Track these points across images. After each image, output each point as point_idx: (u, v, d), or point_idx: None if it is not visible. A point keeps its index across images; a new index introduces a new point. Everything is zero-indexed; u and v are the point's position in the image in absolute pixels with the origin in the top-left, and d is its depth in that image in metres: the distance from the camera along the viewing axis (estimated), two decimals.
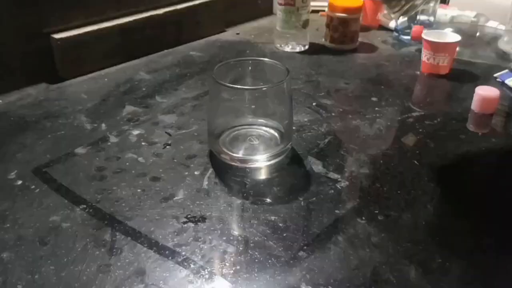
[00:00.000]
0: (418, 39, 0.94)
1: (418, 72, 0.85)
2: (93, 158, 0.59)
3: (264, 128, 0.61)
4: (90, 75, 0.83)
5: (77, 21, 0.83)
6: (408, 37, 1.00)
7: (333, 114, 0.70)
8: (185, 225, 0.48)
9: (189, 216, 0.49)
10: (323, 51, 0.95)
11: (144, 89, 0.78)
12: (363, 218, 0.49)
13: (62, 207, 0.51)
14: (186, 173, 0.56)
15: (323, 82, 0.81)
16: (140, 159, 0.59)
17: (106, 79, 0.82)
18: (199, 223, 0.48)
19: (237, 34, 1.06)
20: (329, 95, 0.76)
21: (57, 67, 0.81)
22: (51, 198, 0.52)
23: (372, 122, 0.68)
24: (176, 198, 0.52)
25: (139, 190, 0.53)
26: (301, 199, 0.52)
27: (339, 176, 0.56)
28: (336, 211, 0.50)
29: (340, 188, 0.54)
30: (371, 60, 0.91)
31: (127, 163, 0.58)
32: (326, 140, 0.63)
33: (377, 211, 0.50)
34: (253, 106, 0.60)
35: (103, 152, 0.61)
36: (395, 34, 1.03)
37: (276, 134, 0.60)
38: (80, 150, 0.61)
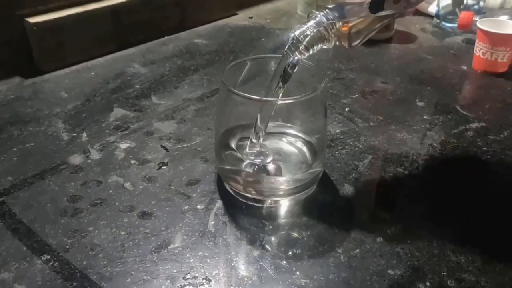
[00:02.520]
0: (466, 28, 0.79)
1: (467, 68, 0.71)
2: (67, 182, 0.46)
3: (288, 146, 0.47)
4: (73, 68, 0.69)
5: (57, 1, 0.68)
6: (452, 25, 0.84)
7: (371, 123, 0.56)
8: None
9: (188, 277, 0.36)
10: None
11: (137, 86, 0.64)
12: (427, 283, 0.36)
13: (18, 257, 0.38)
14: (186, 207, 0.43)
15: (355, 81, 0.67)
16: (127, 184, 0.46)
17: (92, 73, 0.68)
18: None
19: (250, 18, 0.91)
20: (364, 97, 0.62)
21: (34, 57, 0.67)
22: (5, 243, 0.39)
23: (422, 135, 0.54)
24: (171, 246, 0.39)
25: (123, 233, 0.40)
26: (340, 251, 0.39)
27: (388, 216, 0.42)
28: (389, 272, 0.37)
29: (391, 234, 0.40)
30: (411, 52, 0.76)
31: (110, 191, 0.45)
32: (366, 161, 0.49)
33: (444, 272, 0.37)
34: (273, 113, 0.46)
35: (80, 173, 0.47)
36: (436, 20, 0.87)
37: (306, 150, 0.46)
38: (51, 171, 0.47)
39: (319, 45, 0.41)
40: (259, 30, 0.85)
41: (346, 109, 0.59)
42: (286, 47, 0.40)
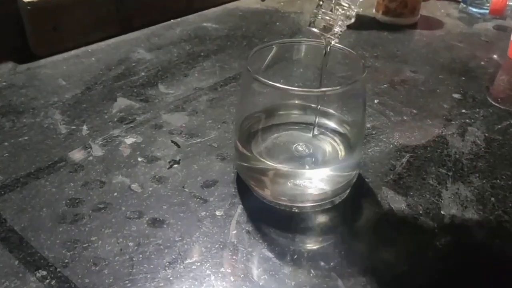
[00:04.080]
0: (499, 13, 0.73)
1: (502, 57, 0.65)
2: (65, 182, 0.40)
3: (321, 143, 0.41)
4: (72, 53, 0.63)
5: None
6: (480, 10, 0.78)
7: (405, 117, 0.51)
8: None
9: None
10: (374, 26, 0.74)
11: (143, 73, 0.58)
12: None
13: (9, 273, 0.32)
14: (203, 213, 0.37)
15: (382, 69, 0.61)
16: (134, 186, 0.40)
17: (93, 58, 0.62)
18: None
19: (262, 0, 0.85)
20: (393, 88, 0.56)
21: (28, 40, 0.61)
22: None
23: (462, 131, 0.48)
24: (188, 260, 0.33)
25: (131, 244, 0.34)
26: (384, 267, 0.33)
27: (435, 225, 0.37)
28: None
29: (441, 247, 0.35)
30: (438, 39, 0.70)
31: (115, 193, 0.39)
32: (404, 160, 0.44)
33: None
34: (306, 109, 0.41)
35: (81, 172, 0.41)
36: (463, 5, 0.81)
37: (341, 149, 0.40)
38: (47, 169, 0.42)
39: (345, 23, 0.36)
40: (272, 14, 0.78)
41: (376, 101, 0.53)
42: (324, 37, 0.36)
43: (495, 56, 0.65)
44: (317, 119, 0.40)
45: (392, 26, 0.73)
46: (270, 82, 0.33)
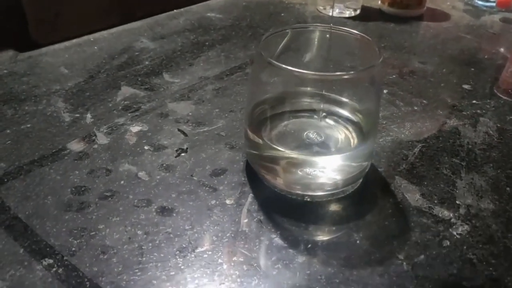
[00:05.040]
0: (506, 6, 0.72)
1: (505, 49, 0.64)
2: (70, 170, 0.39)
3: (332, 131, 0.40)
4: (74, 41, 0.62)
5: None
6: (487, 3, 0.77)
7: (415, 107, 0.50)
8: None
9: None
10: (380, 18, 0.73)
11: (147, 62, 0.57)
12: None
13: (14, 261, 0.31)
14: (213, 201, 0.36)
15: (390, 60, 0.60)
16: (141, 174, 0.39)
17: (95, 47, 0.60)
18: None
19: None
20: (402, 78, 0.55)
21: (29, 28, 0.59)
22: None
23: (474, 122, 0.47)
24: (199, 249, 0.32)
25: (139, 232, 0.33)
26: (401, 257, 0.32)
27: (451, 214, 0.36)
28: (464, 284, 0.31)
29: (457, 236, 0.34)
30: (446, 31, 0.70)
31: (122, 181, 0.38)
32: (416, 150, 0.43)
33: None
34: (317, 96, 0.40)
35: (86, 160, 0.40)
36: None
37: (353, 137, 0.39)
38: (51, 156, 0.41)
39: None
40: (277, 4, 0.77)
41: (385, 91, 0.52)
42: None
43: (502, 48, 0.64)
44: (322, 105, 0.39)
45: (398, 17, 0.72)
46: (285, 66, 0.32)
